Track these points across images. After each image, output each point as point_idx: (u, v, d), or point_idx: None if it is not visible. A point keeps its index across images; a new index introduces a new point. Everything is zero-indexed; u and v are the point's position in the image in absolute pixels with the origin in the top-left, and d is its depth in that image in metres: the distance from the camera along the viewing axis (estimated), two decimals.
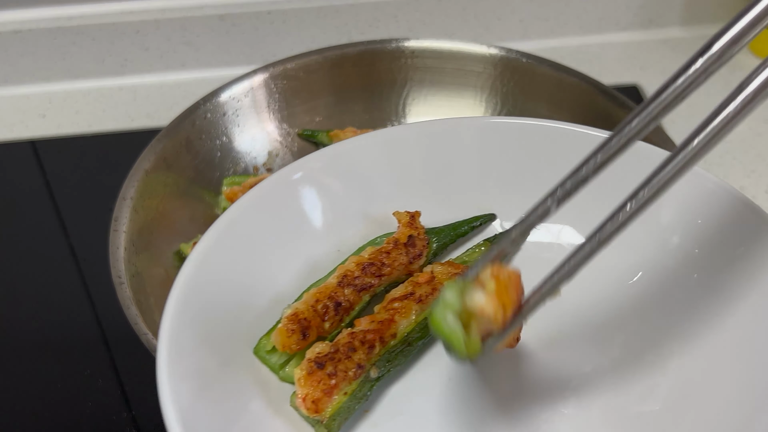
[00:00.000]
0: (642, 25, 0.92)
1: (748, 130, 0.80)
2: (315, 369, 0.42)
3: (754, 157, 0.77)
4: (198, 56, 0.88)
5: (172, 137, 0.64)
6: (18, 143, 0.81)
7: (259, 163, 0.69)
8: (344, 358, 0.43)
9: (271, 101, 0.70)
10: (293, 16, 0.87)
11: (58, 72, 0.87)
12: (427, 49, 0.72)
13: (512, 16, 0.90)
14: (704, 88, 0.55)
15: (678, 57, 0.89)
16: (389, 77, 0.73)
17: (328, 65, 0.71)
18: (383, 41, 0.72)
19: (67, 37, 0.85)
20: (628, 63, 0.88)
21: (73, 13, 0.85)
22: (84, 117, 0.84)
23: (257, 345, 0.45)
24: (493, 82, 0.71)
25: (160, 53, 0.88)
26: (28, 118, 0.84)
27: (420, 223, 0.50)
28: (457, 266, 0.50)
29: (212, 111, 0.67)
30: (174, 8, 0.86)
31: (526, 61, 0.70)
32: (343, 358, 0.43)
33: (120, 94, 0.87)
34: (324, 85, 0.72)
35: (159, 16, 0.85)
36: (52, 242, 0.70)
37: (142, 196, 0.60)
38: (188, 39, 0.87)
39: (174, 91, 0.87)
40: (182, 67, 0.89)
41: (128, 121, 0.84)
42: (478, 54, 0.71)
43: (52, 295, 0.66)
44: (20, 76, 0.87)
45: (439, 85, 0.73)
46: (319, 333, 0.45)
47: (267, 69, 0.70)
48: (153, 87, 0.88)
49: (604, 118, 0.66)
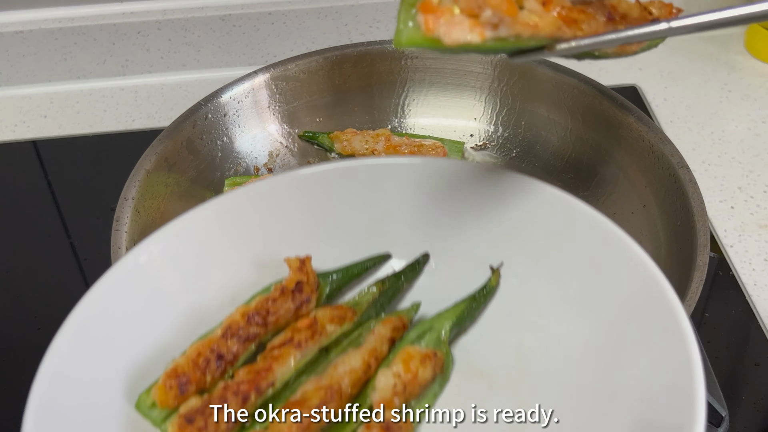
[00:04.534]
0: None
1: (746, 131, 0.80)
2: (185, 424, 0.42)
3: (753, 158, 0.77)
4: (199, 57, 0.88)
5: (173, 138, 0.64)
6: (20, 143, 0.81)
7: (260, 163, 0.70)
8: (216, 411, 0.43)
9: (271, 102, 0.71)
10: (294, 17, 0.87)
11: (59, 72, 0.88)
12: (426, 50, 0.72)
13: None
14: (702, 89, 0.56)
15: (677, 58, 0.89)
16: (389, 78, 0.73)
17: (329, 66, 0.72)
18: (383, 42, 0.73)
19: (69, 38, 0.85)
20: (628, 63, 0.89)
21: (75, 14, 0.85)
22: (85, 117, 0.85)
23: (138, 401, 0.45)
24: (493, 82, 0.72)
25: (161, 54, 0.88)
26: (29, 118, 0.85)
27: (311, 267, 0.50)
28: (342, 309, 0.50)
29: (213, 111, 0.68)
30: (175, 9, 0.86)
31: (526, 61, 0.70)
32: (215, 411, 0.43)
33: (121, 94, 0.88)
34: (324, 85, 0.72)
35: (160, 17, 0.86)
36: (54, 242, 0.70)
37: (143, 197, 0.60)
38: (189, 40, 0.87)
39: (175, 92, 0.88)
40: (183, 68, 0.89)
41: (129, 122, 0.84)
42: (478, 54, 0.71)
43: (53, 294, 0.66)
44: (22, 76, 0.87)
45: (439, 86, 0.73)
46: (200, 387, 0.45)
47: (268, 70, 0.70)
48: (154, 87, 0.88)
49: (602, 119, 0.66)
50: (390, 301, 0.52)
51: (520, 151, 0.71)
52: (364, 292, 0.52)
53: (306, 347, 0.47)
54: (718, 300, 0.65)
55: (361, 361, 0.46)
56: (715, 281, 0.66)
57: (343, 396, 0.45)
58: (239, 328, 0.47)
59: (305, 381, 0.46)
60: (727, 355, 0.61)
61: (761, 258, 0.68)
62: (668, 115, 0.82)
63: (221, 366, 0.46)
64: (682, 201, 0.59)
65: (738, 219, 0.71)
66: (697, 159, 0.77)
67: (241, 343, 0.47)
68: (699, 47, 0.90)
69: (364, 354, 0.47)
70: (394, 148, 0.69)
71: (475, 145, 0.72)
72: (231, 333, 0.47)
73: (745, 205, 0.73)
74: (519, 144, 0.71)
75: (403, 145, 0.69)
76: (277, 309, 0.48)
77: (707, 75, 0.87)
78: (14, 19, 0.85)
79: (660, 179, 0.62)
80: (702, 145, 0.79)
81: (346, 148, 0.70)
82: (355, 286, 0.53)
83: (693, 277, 0.53)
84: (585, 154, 0.68)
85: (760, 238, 0.69)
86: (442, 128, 0.72)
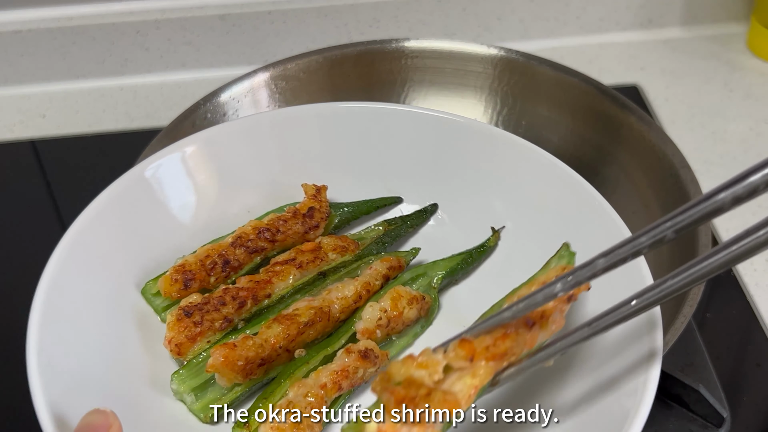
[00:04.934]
0: (642, 25, 0.92)
1: (748, 130, 0.80)
2: (183, 316, 0.46)
3: (754, 157, 0.77)
4: (198, 56, 0.88)
5: (172, 137, 0.64)
6: (18, 143, 0.81)
7: None
8: (213, 310, 0.47)
9: (271, 101, 0.70)
10: (293, 16, 0.87)
11: (58, 72, 0.87)
12: (427, 49, 0.72)
13: (512, 16, 0.90)
14: (704, 88, 0.55)
15: (678, 57, 0.89)
16: (389, 77, 0.73)
17: (328, 65, 0.71)
18: (383, 41, 0.72)
19: (68, 37, 0.85)
20: (628, 63, 0.88)
21: (74, 14, 0.85)
22: (84, 117, 0.84)
23: (144, 287, 0.49)
24: (493, 82, 0.71)
25: (160, 53, 0.88)
26: (28, 118, 0.84)
27: (325, 196, 0.54)
28: (346, 240, 0.54)
29: (212, 111, 0.67)
30: (174, 8, 0.86)
31: (526, 61, 0.70)
32: (212, 309, 0.47)
33: (120, 94, 0.87)
34: (324, 85, 0.72)
35: (159, 17, 0.85)
36: (53, 242, 0.70)
37: None
38: (189, 39, 0.87)
39: (174, 92, 0.87)
40: (182, 68, 0.89)
41: (128, 122, 0.84)
42: (478, 54, 0.71)
43: None
44: (20, 76, 0.87)
45: (439, 85, 0.73)
46: (203, 285, 0.49)
47: (267, 69, 0.70)
48: (153, 87, 0.88)
49: (604, 118, 0.66)
50: (393, 241, 0.56)
51: None
52: (371, 228, 0.56)
53: (306, 269, 0.51)
54: (720, 301, 0.64)
55: (354, 291, 0.50)
56: (717, 282, 0.66)
57: (331, 319, 0.49)
58: (248, 240, 0.51)
59: (299, 299, 0.49)
60: (728, 355, 0.61)
61: (763, 258, 0.67)
62: (669, 114, 0.82)
63: (226, 270, 0.50)
64: (683, 201, 0.58)
65: (739, 219, 0.71)
66: (698, 159, 0.77)
67: (248, 254, 0.51)
68: (700, 46, 0.90)
69: (357, 285, 0.50)
70: None
71: None
72: (240, 242, 0.51)
73: (746, 205, 0.72)
74: None
75: None
76: (287, 229, 0.52)
77: (709, 74, 0.87)
78: (13, 18, 0.85)
79: (661, 179, 0.62)
80: (704, 145, 0.78)
81: None
82: (364, 222, 0.57)
83: None
84: (586, 154, 0.68)
85: None
86: None
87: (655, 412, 0.56)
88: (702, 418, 0.56)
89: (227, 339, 0.47)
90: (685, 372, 0.56)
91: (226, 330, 0.48)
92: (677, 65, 0.88)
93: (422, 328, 0.52)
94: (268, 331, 0.47)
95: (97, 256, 0.47)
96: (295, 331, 0.47)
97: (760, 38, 0.87)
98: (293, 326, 0.47)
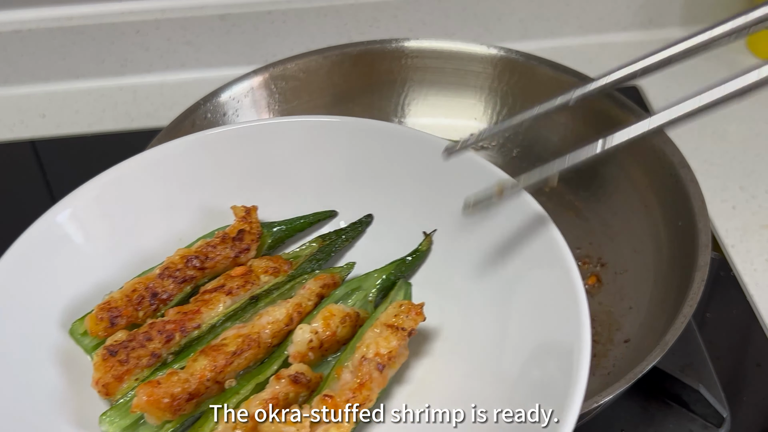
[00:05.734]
0: (642, 25, 0.92)
1: (748, 131, 0.80)
2: (108, 356, 0.45)
3: (755, 157, 0.77)
4: (198, 56, 0.88)
5: (172, 137, 0.63)
6: (18, 143, 0.81)
7: None
8: (138, 346, 0.45)
9: (271, 101, 0.70)
10: (293, 16, 0.87)
11: (58, 72, 0.87)
12: (427, 49, 0.72)
13: (512, 16, 0.90)
14: None
15: None
16: (389, 77, 0.73)
17: (328, 65, 0.71)
18: (383, 41, 0.72)
19: (67, 37, 0.85)
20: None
21: (73, 13, 0.85)
22: (84, 117, 0.84)
23: (72, 327, 0.48)
24: (492, 82, 0.71)
25: (160, 53, 0.88)
26: (28, 118, 0.84)
27: (256, 217, 0.52)
28: (278, 260, 0.52)
29: (212, 111, 0.67)
30: (174, 8, 0.86)
31: (526, 61, 0.70)
32: (138, 346, 0.45)
33: (120, 94, 0.87)
34: (324, 85, 0.72)
35: (159, 16, 0.85)
36: None
37: None
38: (188, 39, 0.87)
39: (174, 91, 0.87)
40: (182, 67, 0.89)
41: (128, 121, 0.84)
42: (478, 54, 0.71)
43: None
44: (20, 76, 0.87)
45: (439, 85, 0.73)
46: (132, 321, 0.48)
47: (267, 69, 0.70)
48: (153, 87, 0.88)
49: (604, 118, 0.66)
50: (328, 257, 0.54)
51: (520, 151, 0.70)
52: (306, 246, 0.54)
53: (237, 294, 0.50)
54: (720, 300, 0.64)
55: (285, 314, 0.48)
56: (717, 281, 0.66)
57: (261, 345, 0.47)
58: (177, 269, 0.49)
59: (229, 327, 0.48)
60: (728, 355, 0.61)
61: (763, 258, 0.67)
62: None
63: (155, 303, 0.48)
64: (683, 201, 0.58)
65: (739, 219, 0.71)
66: (698, 158, 0.77)
67: (176, 284, 0.49)
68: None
69: (289, 307, 0.49)
70: None
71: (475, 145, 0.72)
72: (168, 273, 0.49)
73: (746, 205, 0.72)
74: (519, 144, 0.71)
75: None
76: (216, 254, 0.51)
77: (709, 74, 0.86)
78: (12, 18, 0.85)
79: (661, 179, 0.61)
80: (703, 145, 0.78)
81: None
82: (299, 240, 0.55)
83: (694, 277, 0.53)
84: None
85: (761, 238, 0.69)
86: (442, 128, 0.71)
87: (655, 412, 0.57)
88: (702, 418, 0.56)
89: (156, 375, 0.45)
90: (685, 372, 0.56)
91: (155, 366, 0.46)
92: (677, 65, 0.88)
93: None
94: (195, 365, 0.45)
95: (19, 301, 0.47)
96: (223, 361, 0.45)
97: (759, 38, 0.87)
98: (221, 357, 0.45)
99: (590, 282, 0.61)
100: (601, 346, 0.57)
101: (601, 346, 0.57)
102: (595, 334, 0.58)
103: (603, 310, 0.59)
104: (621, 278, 0.61)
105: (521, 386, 0.43)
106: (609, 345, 0.57)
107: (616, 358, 0.56)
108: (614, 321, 0.58)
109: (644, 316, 0.58)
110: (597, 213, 0.65)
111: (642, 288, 0.59)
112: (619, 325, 0.58)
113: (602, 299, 0.60)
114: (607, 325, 0.58)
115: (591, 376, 0.55)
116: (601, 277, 0.61)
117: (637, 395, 0.57)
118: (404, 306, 0.47)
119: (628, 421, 0.56)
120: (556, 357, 0.42)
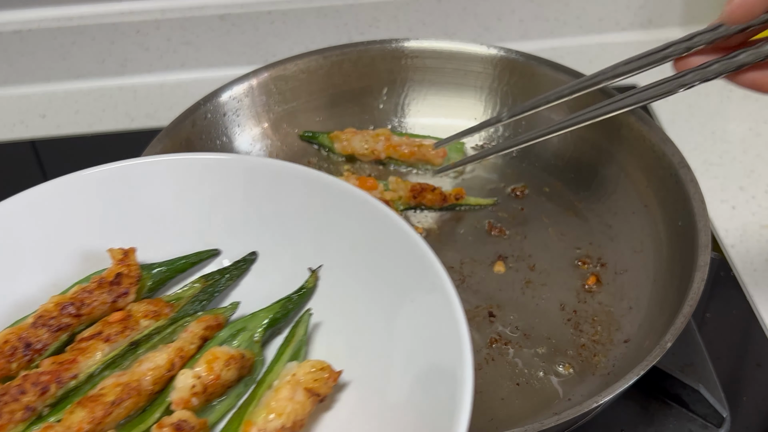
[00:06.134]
0: (642, 25, 0.92)
1: (748, 131, 0.80)
2: None
3: (754, 157, 0.77)
4: (198, 56, 0.88)
5: (172, 137, 0.64)
6: (18, 143, 0.81)
7: None
8: (11, 400, 0.43)
9: (271, 101, 0.70)
10: (293, 16, 0.87)
11: (58, 72, 0.87)
12: (427, 49, 0.72)
13: (512, 16, 0.90)
14: (704, 88, 0.56)
15: None
16: (389, 77, 0.73)
17: (328, 65, 0.71)
18: (383, 41, 0.72)
19: (68, 37, 0.85)
20: None
21: (74, 14, 0.85)
22: (84, 117, 0.84)
23: None
24: (493, 82, 0.71)
25: (160, 53, 0.88)
26: (28, 118, 0.84)
27: (134, 259, 0.50)
28: (159, 303, 0.50)
29: (212, 111, 0.67)
30: (174, 8, 0.86)
31: (526, 61, 0.70)
32: (11, 400, 0.43)
33: (120, 94, 0.87)
34: (324, 85, 0.72)
35: (159, 17, 0.85)
36: None
37: None
38: (188, 39, 0.87)
39: (174, 91, 0.87)
40: (182, 67, 0.89)
41: (128, 122, 0.84)
42: (478, 54, 0.71)
43: None
44: (20, 76, 0.87)
45: (439, 85, 0.73)
46: (5, 374, 0.45)
47: (267, 69, 0.70)
48: (153, 87, 0.88)
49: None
50: (212, 298, 0.52)
51: (520, 151, 0.70)
52: (188, 287, 0.52)
53: (115, 341, 0.47)
54: (720, 300, 0.64)
55: (167, 359, 0.47)
56: (717, 281, 0.66)
57: (142, 393, 0.45)
58: (51, 318, 0.47)
59: (108, 375, 0.46)
60: (728, 355, 0.61)
61: (763, 258, 0.67)
62: (669, 114, 0.82)
63: (29, 354, 0.46)
64: (683, 201, 0.58)
65: (739, 219, 0.71)
66: (698, 159, 0.77)
67: (51, 333, 0.47)
68: None
69: (170, 352, 0.47)
70: (394, 148, 0.69)
71: (475, 145, 0.72)
72: (42, 322, 0.47)
73: (746, 205, 0.72)
74: None
75: (403, 145, 0.69)
76: (93, 300, 0.48)
77: None
78: (13, 18, 0.85)
79: (661, 179, 0.62)
80: (703, 145, 0.78)
81: (345, 148, 0.69)
82: (181, 281, 0.53)
83: (694, 277, 0.53)
84: (586, 153, 0.68)
85: (761, 239, 0.69)
86: (442, 128, 0.71)
87: (655, 412, 0.57)
88: (702, 418, 0.56)
89: (31, 429, 0.44)
90: (685, 372, 0.56)
91: (29, 420, 0.44)
92: None
93: (246, 387, 0.48)
94: (72, 417, 0.43)
95: None
96: (101, 412, 0.43)
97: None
98: (99, 407, 0.43)
99: (590, 282, 0.61)
100: (601, 346, 0.57)
101: (601, 346, 0.57)
102: (595, 333, 0.58)
103: (603, 310, 0.59)
104: (621, 278, 0.61)
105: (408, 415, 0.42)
106: (609, 345, 0.57)
107: (616, 358, 0.56)
108: (614, 321, 0.59)
109: (644, 316, 0.58)
110: (597, 213, 0.65)
111: (642, 288, 0.59)
112: (619, 325, 0.58)
113: (602, 299, 0.60)
114: (607, 325, 0.58)
115: (591, 375, 0.55)
116: (601, 277, 0.61)
117: (637, 395, 0.57)
118: (324, 370, 0.45)
119: (628, 421, 0.56)
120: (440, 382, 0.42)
